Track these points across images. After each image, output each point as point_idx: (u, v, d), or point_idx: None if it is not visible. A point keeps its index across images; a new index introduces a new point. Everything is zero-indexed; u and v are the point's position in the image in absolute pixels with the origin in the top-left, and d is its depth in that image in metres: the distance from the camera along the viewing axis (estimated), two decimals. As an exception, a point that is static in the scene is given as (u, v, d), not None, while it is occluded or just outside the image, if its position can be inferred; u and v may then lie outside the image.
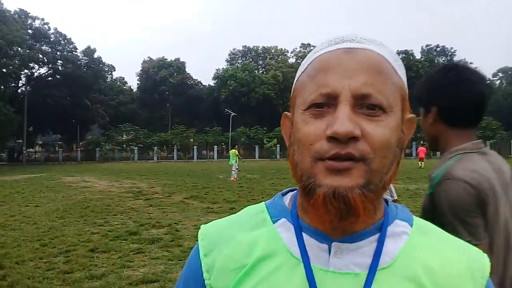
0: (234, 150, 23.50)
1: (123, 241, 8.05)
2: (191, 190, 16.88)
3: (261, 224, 0.73)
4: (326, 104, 0.63)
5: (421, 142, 44.88)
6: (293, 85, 0.72)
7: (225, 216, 0.82)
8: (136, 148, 59.03)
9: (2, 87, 48.89)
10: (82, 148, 60.66)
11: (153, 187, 18.50)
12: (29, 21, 57.84)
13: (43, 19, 59.29)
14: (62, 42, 60.65)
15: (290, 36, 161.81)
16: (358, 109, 0.62)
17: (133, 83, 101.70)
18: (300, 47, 76.37)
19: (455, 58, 75.35)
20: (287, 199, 0.78)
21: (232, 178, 21.57)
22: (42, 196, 15.81)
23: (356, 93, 0.61)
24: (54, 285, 5.60)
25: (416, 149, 44.24)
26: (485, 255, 0.72)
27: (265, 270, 0.67)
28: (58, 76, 59.57)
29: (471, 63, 74.98)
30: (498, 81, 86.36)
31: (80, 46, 69.31)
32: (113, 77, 78.86)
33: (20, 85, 58.84)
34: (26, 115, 50.58)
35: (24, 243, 7.93)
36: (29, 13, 58.45)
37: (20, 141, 56.15)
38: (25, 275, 5.96)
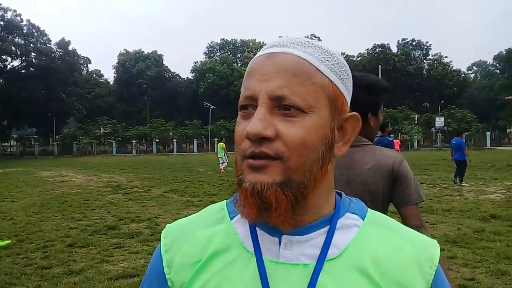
0: (221, 143, 23.69)
1: (102, 235, 7.98)
2: (171, 184, 16.80)
3: (220, 221, 0.77)
4: (250, 106, 0.68)
5: (399, 135, 45.62)
6: None
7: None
8: (114, 141, 58.39)
9: (-26, 80, 47.69)
10: (58, 142, 59.72)
11: (132, 181, 18.35)
12: (1, 13, 56.38)
13: (15, 11, 58.41)
14: (35, 34, 59.39)
15: (268, 29, 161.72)
16: (277, 110, 0.65)
17: (109, 76, 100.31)
18: (279, 40, 76.26)
19: (431, 52, 76.56)
20: None
21: (222, 168, 22.00)
22: (19, 191, 15.52)
23: (272, 95, 0.65)
24: (32, 281, 5.51)
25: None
26: (436, 244, 0.74)
27: (219, 264, 0.71)
28: (32, 69, 58.37)
29: (446, 57, 76.67)
30: (473, 74, 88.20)
31: (54, 38, 67.87)
32: (89, 70, 77.76)
33: (-8, 78, 57.49)
34: (0, 109, 49.47)
35: (1, 239, 7.79)
36: (1, 4, 57.08)
37: (-6, 135, 54.90)
38: (3, 271, 5.85)
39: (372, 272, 0.68)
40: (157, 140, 58.35)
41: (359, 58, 74.73)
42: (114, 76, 78.67)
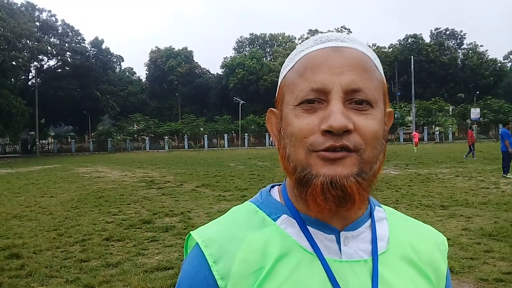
0: None
1: (137, 229, 8.16)
2: (203, 179, 16.98)
3: (261, 223, 0.74)
4: (317, 99, 0.67)
5: (433, 127, 44.67)
6: (279, 82, 0.78)
7: (238, 203, 0.83)
8: (147, 137, 59.42)
9: (12, 80, 49.27)
10: (94, 139, 61.28)
11: (165, 176, 18.65)
12: (36, 13, 58.08)
13: (50, 11, 60.01)
14: (70, 33, 60.87)
15: (297, 22, 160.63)
16: (347, 104, 0.67)
17: (141, 73, 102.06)
18: (308, 33, 75.63)
19: (465, 41, 74.36)
20: (276, 195, 0.79)
21: None
22: (57, 186, 16.03)
23: (347, 88, 0.66)
24: (71, 274, 5.70)
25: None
26: (438, 231, 0.85)
27: (285, 269, 0.68)
28: (67, 68, 59.91)
29: (481, 45, 74.18)
30: (510, 63, 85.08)
31: (88, 38, 69.55)
32: (122, 68, 79.10)
33: (30, 77, 59.32)
34: (38, 107, 51.02)
35: (41, 233, 8.07)
36: (36, 5, 58.75)
37: (33, 133, 56.74)
38: (43, 264, 6.08)
39: (415, 260, 0.75)
40: (189, 135, 59.01)
41: (391, 49, 73.30)
42: (146, 73, 79.92)
